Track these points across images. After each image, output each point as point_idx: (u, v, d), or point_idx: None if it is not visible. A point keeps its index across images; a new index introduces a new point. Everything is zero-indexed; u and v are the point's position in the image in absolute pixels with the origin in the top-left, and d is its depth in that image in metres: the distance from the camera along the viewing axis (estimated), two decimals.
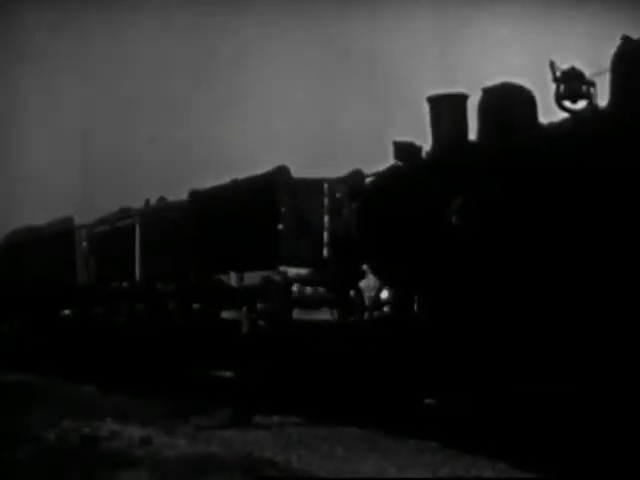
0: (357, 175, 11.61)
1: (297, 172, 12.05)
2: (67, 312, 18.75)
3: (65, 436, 9.47)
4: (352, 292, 10.91)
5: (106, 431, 9.78)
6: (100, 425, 10.19)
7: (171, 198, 15.69)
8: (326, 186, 11.72)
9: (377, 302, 10.04)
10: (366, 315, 10.31)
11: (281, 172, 11.88)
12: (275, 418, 10.55)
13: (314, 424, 10.04)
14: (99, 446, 8.92)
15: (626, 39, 7.73)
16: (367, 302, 10.58)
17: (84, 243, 18.25)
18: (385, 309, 9.98)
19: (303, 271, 11.68)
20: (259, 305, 11.93)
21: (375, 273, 10.02)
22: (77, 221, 18.87)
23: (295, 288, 11.96)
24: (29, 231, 21.21)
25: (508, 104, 9.03)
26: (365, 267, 10.05)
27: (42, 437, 9.41)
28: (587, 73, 8.63)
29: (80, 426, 10.05)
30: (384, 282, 9.96)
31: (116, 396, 13.14)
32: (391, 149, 10.14)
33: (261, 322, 12.00)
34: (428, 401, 9.42)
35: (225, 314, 13.08)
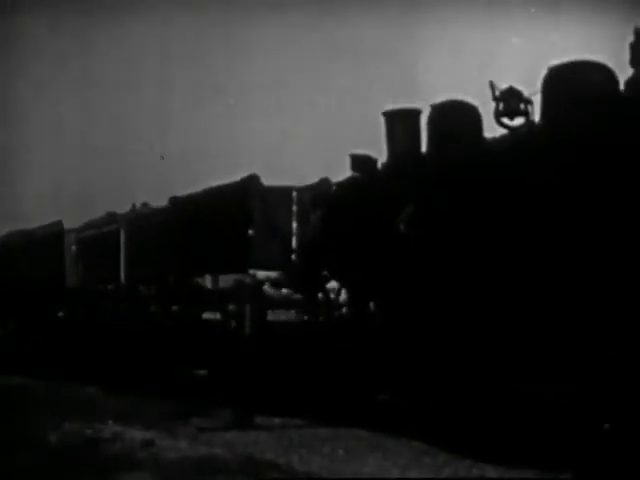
0: (324, 183, 12.26)
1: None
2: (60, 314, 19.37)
3: (67, 438, 9.47)
4: (320, 294, 11.55)
5: (108, 433, 9.81)
6: (102, 427, 10.22)
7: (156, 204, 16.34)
8: (295, 193, 12.34)
9: (336, 304, 10.66)
10: (324, 317, 10.95)
11: (252, 180, 12.52)
12: (276, 420, 10.60)
13: (315, 425, 10.11)
14: (101, 448, 8.93)
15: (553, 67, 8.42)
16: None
17: (73, 247, 18.86)
18: (343, 310, 10.61)
19: (273, 274, 12.30)
20: (231, 306, 12.55)
21: (335, 277, 10.67)
22: (67, 225, 19.53)
23: (271, 291, 12.59)
24: (21, 234, 21.84)
25: (454, 119, 9.68)
26: (325, 271, 10.65)
27: (43, 439, 9.40)
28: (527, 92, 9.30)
29: (81, 428, 10.10)
30: (343, 285, 10.60)
31: (117, 398, 13.22)
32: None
33: (233, 323, 12.62)
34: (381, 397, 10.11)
35: (206, 315, 13.70)
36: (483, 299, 8.52)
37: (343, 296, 10.60)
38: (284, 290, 12.61)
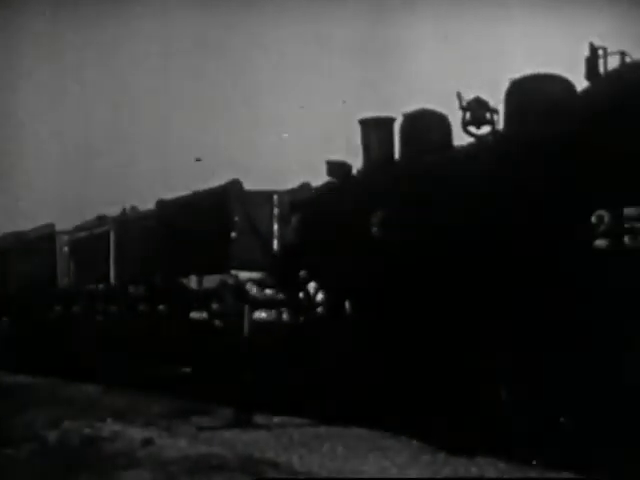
0: (305, 188, 12.71)
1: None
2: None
3: (66, 437, 9.43)
4: (301, 294, 11.95)
5: (107, 432, 9.82)
6: (101, 426, 10.24)
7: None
8: (276, 197, 12.79)
9: (313, 303, 11.07)
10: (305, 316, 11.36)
11: (234, 185, 12.98)
12: (276, 418, 10.65)
13: (315, 424, 10.14)
14: (100, 447, 8.90)
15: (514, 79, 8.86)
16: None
17: (65, 248, 19.31)
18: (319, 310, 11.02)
19: (255, 275, 12.72)
20: (214, 306, 12.99)
21: (313, 278, 11.08)
22: (59, 227, 19.99)
23: (254, 291, 13.01)
24: (15, 236, 22.32)
25: (425, 128, 10.12)
26: (303, 273, 11.08)
27: (43, 438, 9.39)
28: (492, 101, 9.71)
29: (81, 427, 10.09)
30: (320, 286, 11.02)
31: (116, 396, 13.35)
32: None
33: (217, 321, 13.06)
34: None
35: (194, 314, 14.12)
36: (450, 300, 8.92)
37: (320, 296, 10.99)
38: (268, 290, 13.01)
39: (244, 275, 12.75)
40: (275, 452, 8.51)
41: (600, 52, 8.26)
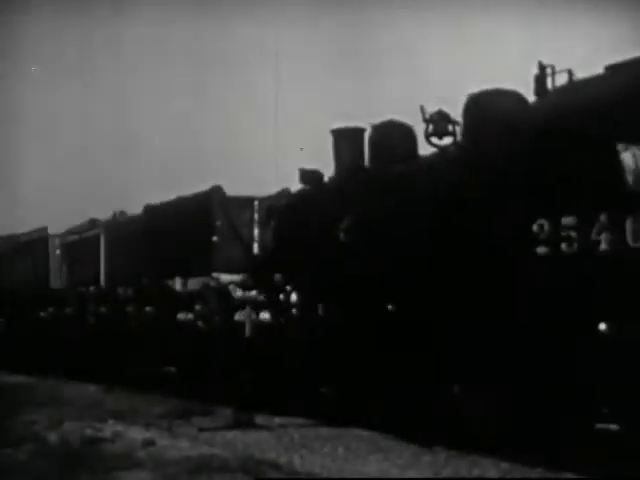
0: (284, 194, 13.27)
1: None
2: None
3: (66, 437, 9.39)
4: (282, 295, 12.49)
5: (108, 433, 9.79)
6: (102, 427, 10.23)
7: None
8: (256, 202, 13.35)
9: (288, 305, 11.63)
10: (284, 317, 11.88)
11: (216, 190, 13.56)
12: (277, 419, 10.68)
13: (316, 425, 10.20)
14: (101, 448, 8.87)
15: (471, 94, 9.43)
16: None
17: (57, 251, 19.90)
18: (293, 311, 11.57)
19: (236, 277, 13.27)
20: (197, 307, 13.54)
21: (287, 280, 11.65)
22: (52, 230, 20.58)
23: (239, 293, 13.55)
24: (10, 239, 22.91)
25: (392, 138, 10.70)
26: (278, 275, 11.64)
27: (43, 438, 9.37)
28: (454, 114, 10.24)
29: (81, 427, 10.09)
30: (294, 288, 11.58)
31: (117, 397, 13.42)
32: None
33: (199, 323, 13.60)
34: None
35: (180, 315, 14.66)
36: (411, 300, 9.49)
37: (293, 297, 11.54)
38: (250, 292, 13.55)
39: (226, 277, 13.29)
40: (276, 453, 8.55)
41: (549, 70, 8.85)
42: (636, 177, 6.89)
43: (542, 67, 8.86)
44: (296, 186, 12.28)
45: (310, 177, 11.40)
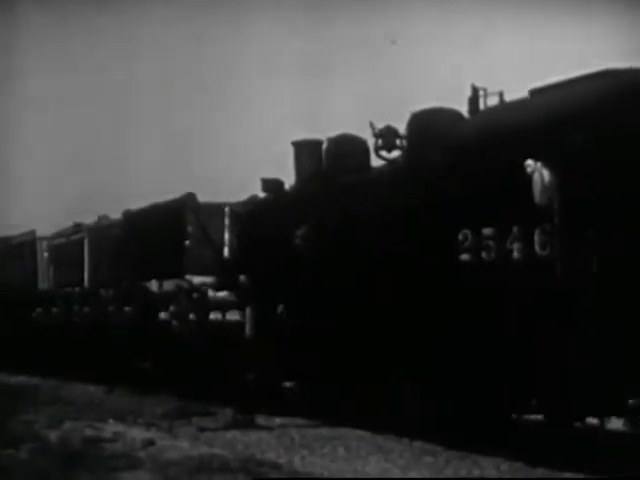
0: (254, 200, 14.05)
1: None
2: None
3: (67, 437, 9.38)
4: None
5: (108, 433, 9.82)
6: (102, 427, 10.28)
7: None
8: (227, 209, 14.12)
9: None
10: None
11: (189, 197, 14.38)
12: (277, 419, 10.79)
13: (316, 425, 10.31)
14: (101, 447, 8.87)
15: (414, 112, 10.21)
16: None
17: (45, 253, 20.71)
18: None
19: (207, 279, 14.07)
20: (171, 307, 14.35)
21: (250, 283, 12.45)
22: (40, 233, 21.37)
23: (211, 294, 14.34)
24: (2, 241, 23.67)
25: (346, 151, 11.47)
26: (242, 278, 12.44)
27: (43, 438, 9.37)
28: None
29: (82, 427, 10.14)
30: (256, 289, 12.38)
31: (118, 397, 13.64)
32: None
33: (174, 322, 14.40)
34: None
35: (163, 315, 15.44)
36: (357, 302, 10.27)
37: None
38: (222, 293, 14.33)
39: (198, 279, 14.10)
40: (276, 453, 8.61)
41: (481, 92, 9.64)
42: (542, 193, 7.67)
43: (475, 89, 9.65)
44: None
45: (271, 186, 12.19)
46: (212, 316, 13.69)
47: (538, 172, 7.70)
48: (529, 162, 7.75)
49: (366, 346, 10.01)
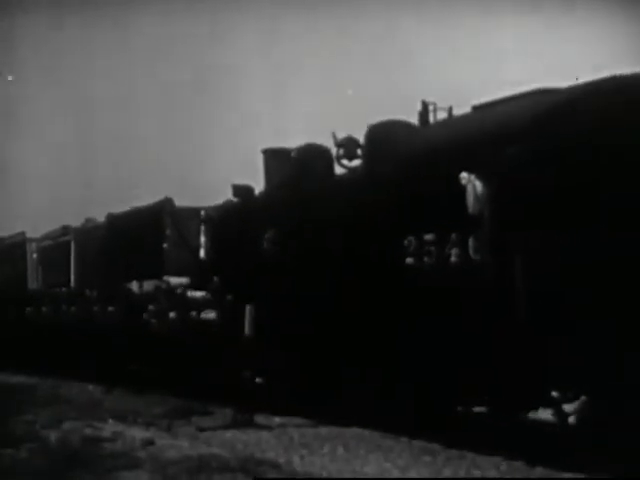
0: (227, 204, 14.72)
1: None
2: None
3: (66, 437, 9.41)
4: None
5: (108, 432, 9.83)
6: (102, 426, 10.30)
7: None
8: (203, 212, 14.79)
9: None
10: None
11: (166, 202, 15.08)
12: (276, 419, 10.81)
13: (315, 425, 10.34)
14: (101, 447, 8.89)
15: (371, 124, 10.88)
16: None
17: (34, 254, 21.39)
18: None
19: (184, 280, 14.75)
20: (150, 307, 15.02)
21: (221, 283, 13.14)
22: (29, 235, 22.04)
23: (189, 294, 15.01)
24: None
25: (311, 159, 12.15)
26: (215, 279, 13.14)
27: (43, 438, 9.40)
28: None
29: (82, 427, 10.15)
30: (227, 291, 13.06)
31: (117, 397, 13.66)
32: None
33: (153, 320, 15.07)
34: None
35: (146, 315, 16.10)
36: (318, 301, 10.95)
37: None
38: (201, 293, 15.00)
39: (175, 280, 14.79)
40: (275, 453, 8.64)
41: (431, 107, 10.34)
42: (475, 203, 8.37)
43: (425, 105, 10.35)
44: None
45: (241, 191, 12.90)
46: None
47: (471, 184, 8.39)
48: (463, 174, 8.44)
49: (322, 339, 10.73)
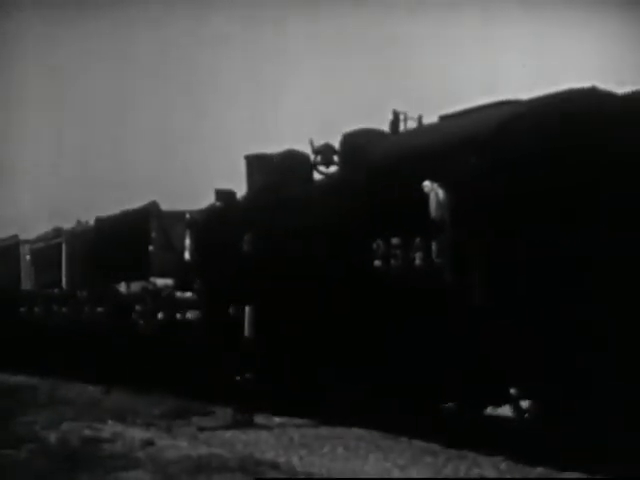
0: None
1: None
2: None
3: (66, 437, 9.39)
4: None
5: (108, 433, 9.84)
6: (101, 427, 10.30)
7: None
8: (188, 216, 15.21)
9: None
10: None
11: (152, 205, 15.51)
12: (276, 419, 10.86)
13: (315, 425, 10.41)
14: (100, 448, 8.87)
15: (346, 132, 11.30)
16: None
17: (27, 256, 21.81)
18: None
19: (169, 281, 15.17)
20: (137, 307, 15.44)
21: (204, 284, 13.56)
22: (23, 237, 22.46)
23: (177, 294, 15.42)
24: None
25: (289, 166, 12.57)
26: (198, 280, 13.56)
27: (43, 438, 9.40)
28: None
29: (81, 428, 10.15)
30: (209, 291, 13.48)
31: (117, 397, 13.66)
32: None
33: (140, 321, 15.49)
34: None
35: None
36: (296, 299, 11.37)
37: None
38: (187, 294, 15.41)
39: (161, 282, 15.22)
40: (275, 453, 8.67)
41: (402, 116, 10.76)
42: (437, 210, 8.80)
43: (396, 114, 10.77)
44: None
45: (224, 196, 13.32)
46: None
47: (434, 191, 8.82)
48: (426, 183, 8.87)
49: (297, 339, 11.14)
